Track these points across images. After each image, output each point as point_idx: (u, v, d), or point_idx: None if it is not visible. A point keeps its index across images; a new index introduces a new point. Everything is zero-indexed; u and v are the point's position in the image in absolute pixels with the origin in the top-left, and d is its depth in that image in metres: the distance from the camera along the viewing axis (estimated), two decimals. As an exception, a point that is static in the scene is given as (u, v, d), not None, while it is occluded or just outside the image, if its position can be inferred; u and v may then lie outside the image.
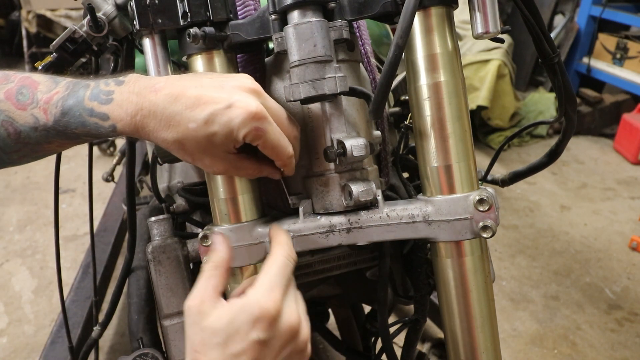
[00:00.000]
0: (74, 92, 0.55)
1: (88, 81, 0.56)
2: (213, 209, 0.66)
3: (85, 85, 0.55)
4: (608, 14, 3.53)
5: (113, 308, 0.84)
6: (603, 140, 3.50)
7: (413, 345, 0.90)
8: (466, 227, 0.60)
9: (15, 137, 0.55)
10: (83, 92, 0.55)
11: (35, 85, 0.55)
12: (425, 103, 0.60)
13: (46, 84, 0.56)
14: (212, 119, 0.52)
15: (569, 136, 0.75)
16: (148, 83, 0.54)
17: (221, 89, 0.53)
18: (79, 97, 0.54)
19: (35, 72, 0.60)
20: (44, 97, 0.54)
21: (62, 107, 0.54)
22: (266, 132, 0.54)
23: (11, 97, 0.55)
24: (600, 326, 1.92)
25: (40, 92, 0.55)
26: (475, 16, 0.59)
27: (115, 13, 0.65)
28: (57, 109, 0.54)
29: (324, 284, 0.91)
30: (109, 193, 2.33)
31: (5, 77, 0.56)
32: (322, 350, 1.76)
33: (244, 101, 0.52)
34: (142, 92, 0.53)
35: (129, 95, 0.53)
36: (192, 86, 0.53)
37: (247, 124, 0.52)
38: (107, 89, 0.54)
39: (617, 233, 2.48)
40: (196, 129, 0.52)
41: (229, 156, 0.56)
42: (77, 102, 0.54)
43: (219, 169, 0.58)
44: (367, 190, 0.61)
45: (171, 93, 0.52)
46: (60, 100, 0.54)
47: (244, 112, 0.52)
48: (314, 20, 0.56)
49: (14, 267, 2.34)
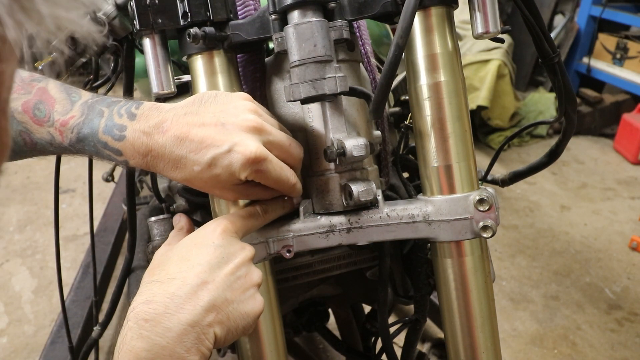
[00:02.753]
0: (89, 120, 0.57)
1: (102, 105, 0.58)
2: (213, 209, 0.66)
3: (99, 113, 0.57)
4: (608, 14, 3.53)
5: (113, 308, 0.84)
6: (603, 140, 3.50)
7: (413, 345, 0.90)
8: (466, 227, 0.60)
9: (31, 146, 0.58)
10: (97, 123, 0.57)
11: (51, 102, 0.57)
12: (425, 103, 0.60)
13: (62, 103, 0.58)
14: (215, 163, 0.54)
15: (569, 136, 0.75)
16: (157, 120, 0.56)
17: (222, 128, 0.55)
18: (94, 127, 0.57)
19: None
20: (60, 119, 0.57)
21: (78, 134, 0.57)
22: (266, 172, 0.56)
23: (28, 110, 0.57)
24: (600, 326, 1.92)
25: (57, 112, 0.57)
26: (475, 16, 0.59)
27: (115, 13, 0.65)
28: (73, 134, 0.57)
29: (324, 284, 0.91)
30: (109, 193, 2.33)
31: (22, 85, 0.58)
32: (322, 350, 1.76)
33: (244, 144, 0.54)
34: (151, 132, 0.55)
35: (140, 135, 0.56)
36: (196, 125, 0.55)
37: (247, 167, 0.54)
38: (120, 123, 0.56)
39: (617, 233, 2.48)
40: (201, 171, 0.55)
41: (237, 187, 0.58)
42: (92, 132, 0.57)
43: (230, 198, 0.62)
44: (367, 190, 0.61)
45: (176, 135, 0.55)
46: (75, 127, 0.57)
47: (243, 157, 0.54)
48: (314, 20, 0.56)
49: (14, 267, 2.34)
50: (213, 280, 0.52)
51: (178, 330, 0.47)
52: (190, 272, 0.51)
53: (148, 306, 0.48)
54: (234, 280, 0.53)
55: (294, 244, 0.63)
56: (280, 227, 0.64)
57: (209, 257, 0.53)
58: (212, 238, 0.55)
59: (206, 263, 0.52)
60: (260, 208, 0.61)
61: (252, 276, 0.56)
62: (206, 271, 0.52)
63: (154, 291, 0.50)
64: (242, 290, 0.54)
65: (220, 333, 0.51)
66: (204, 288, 0.51)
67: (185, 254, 0.54)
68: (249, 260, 0.56)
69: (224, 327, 0.51)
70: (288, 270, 0.79)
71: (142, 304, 0.48)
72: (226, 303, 0.52)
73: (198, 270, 0.52)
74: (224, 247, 0.55)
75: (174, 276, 0.51)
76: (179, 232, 0.64)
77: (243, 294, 0.54)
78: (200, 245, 0.55)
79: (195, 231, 0.58)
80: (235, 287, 0.53)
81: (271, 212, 0.63)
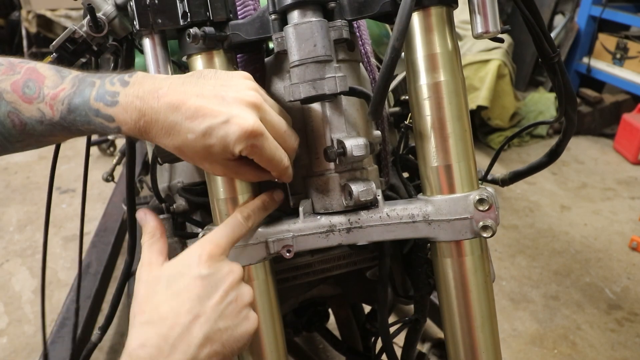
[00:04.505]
0: (80, 90, 0.55)
1: (94, 77, 0.56)
2: (213, 209, 0.66)
3: (90, 84, 0.56)
4: (608, 14, 3.53)
5: (113, 311, 0.83)
6: (603, 140, 3.50)
7: (413, 345, 0.90)
8: (466, 227, 0.60)
9: (20, 128, 0.56)
10: (89, 92, 0.55)
11: (41, 79, 0.56)
12: (425, 103, 0.60)
13: (52, 79, 0.56)
14: (210, 132, 0.53)
15: (569, 136, 0.75)
16: (152, 87, 0.54)
17: (222, 100, 0.54)
18: (85, 96, 0.55)
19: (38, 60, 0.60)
20: (50, 92, 0.55)
21: (69, 105, 0.55)
22: (261, 148, 0.55)
23: (17, 89, 0.55)
24: (600, 326, 1.92)
25: (47, 87, 0.55)
26: (475, 16, 0.59)
27: (115, 13, 0.65)
28: (64, 106, 0.55)
29: (324, 284, 0.91)
30: (109, 193, 2.33)
31: (10, 66, 0.56)
32: (322, 350, 1.76)
33: (242, 117, 0.53)
34: (145, 97, 0.54)
35: (133, 100, 0.54)
36: (193, 95, 0.54)
37: (242, 140, 0.53)
38: (112, 90, 0.55)
39: (617, 233, 2.48)
40: (194, 139, 0.53)
41: (228, 163, 0.57)
42: (83, 101, 0.55)
43: (218, 173, 0.60)
44: (367, 190, 0.61)
45: (172, 102, 0.53)
46: (66, 97, 0.55)
47: (240, 129, 0.52)
48: (314, 20, 0.56)
49: (14, 267, 2.34)
50: (204, 313, 0.52)
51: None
52: (181, 308, 0.51)
53: (143, 350, 0.49)
54: (224, 307, 0.54)
55: (294, 244, 0.63)
56: (280, 227, 0.64)
57: (197, 290, 0.53)
58: (199, 268, 0.55)
59: (196, 296, 0.52)
60: (242, 217, 0.60)
61: (242, 298, 0.56)
62: (196, 305, 0.52)
63: (147, 334, 0.50)
64: (234, 315, 0.54)
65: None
66: (196, 323, 0.51)
67: (174, 288, 0.53)
68: (237, 281, 0.56)
69: (219, 356, 0.52)
70: (288, 270, 0.79)
71: (136, 349, 0.49)
72: (220, 333, 0.52)
73: (188, 306, 0.52)
74: (211, 276, 0.54)
75: (166, 316, 0.51)
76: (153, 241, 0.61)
77: (236, 317, 0.54)
78: (188, 276, 0.54)
79: (180, 256, 0.57)
80: (226, 313, 0.54)
81: (253, 216, 0.61)
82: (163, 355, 0.48)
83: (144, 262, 0.58)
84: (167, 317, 0.51)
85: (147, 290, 0.55)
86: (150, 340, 0.49)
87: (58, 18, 4.15)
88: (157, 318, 0.51)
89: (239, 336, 0.54)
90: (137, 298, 0.54)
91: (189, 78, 0.56)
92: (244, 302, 0.56)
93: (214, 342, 0.51)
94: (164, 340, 0.49)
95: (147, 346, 0.49)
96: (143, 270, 0.57)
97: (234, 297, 0.55)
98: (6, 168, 3.24)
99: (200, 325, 0.51)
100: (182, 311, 0.51)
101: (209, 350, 0.51)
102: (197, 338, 0.50)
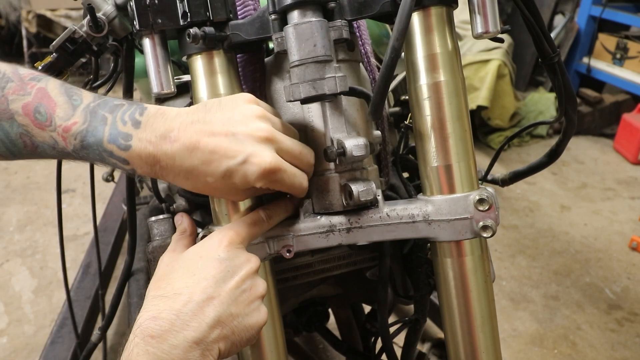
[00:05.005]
0: (93, 128, 0.55)
1: (105, 110, 0.56)
2: (213, 209, 0.66)
3: (102, 120, 0.55)
4: (608, 14, 3.53)
5: (113, 311, 0.84)
6: (603, 140, 3.50)
7: (413, 345, 0.90)
8: (466, 227, 0.60)
9: (32, 149, 0.56)
10: (102, 130, 0.55)
11: (52, 105, 0.55)
12: (425, 103, 0.60)
13: (63, 108, 0.55)
14: (229, 175, 0.54)
15: (569, 136, 0.75)
16: (164, 129, 0.54)
17: (234, 138, 0.54)
18: (98, 136, 0.55)
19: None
20: (62, 124, 0.55)
21: (82, 142, 0.55)
22: (282, 180, 0.56)
23: (29, 113, 0.55)
24: (600, 326, 1.92)
25: (58, 117, 0.55)
26: (475, 16, 0.59)
27: (115, 13, 0.65)
28: (77, 141, 0.55)
29: (324, 284, 0.91)
30: (109, 193, 2.33)
31: (21, 84, 0.55)
32: (322, 350, 1.76)
33: (259, 156, 0.54)
34: (158, 142, 0.54)
35: (147, 145, 0.54)
36: (205, 134, 0.54)
37: (262, 178, 0.54)
38: (125, 132, 0.54)
39: (617, 233, 2.48)
40: (214, 182, 0.55)
41: (249, 191, 0.58)
42: (96, 141, 0.55)
43: (240, 199, 0.62)
44: (367, 190, 0.61)
45: (185, 145, 0.54)
46: (79, 134, 0.55)
47: (259, 168, 0.53)
48: (314, 20, 0.56)
49: (14, 267, 2.34)
50: (219, 295, 0.52)
51: (183, 347, 0.48)
52: (196, 287, 0.51)
53: (154, 322, 0.48)
54: (239, 294, 0.54)
55: (294, 243, 0.63)
56: (280, 227, 0.64)
57: (214, 271, 0.53)
58: (218, 251, 0.55)
59: (212, 277, 0.53)
60: (264, 214, 0.61)
61: (257, 288, 0.56)
62: (212, 286, 0.52)
63: (160, 307, 0.50)
64: (246, 304, 0.54)
65: (224, 347, 0.51)
66: (209, 304, 0.51)
67: (191, 267, 0.54)
68: (254, 272, 0.57)
69: (228, 342, 0.52)
70: (288, 270, 0.79)
71: (148, 320, 0.49)
72: (231, 318, 0.52)
73: (204, 285, 0.52)
74: (229, 260, 0.55)
75: (180, 292, 0.51)
76: (182, 236, 0.64)
77: (248, 307, 0.54)
78: (206, 258, 0.55)
79: (200, 242, 0.58)
80: (240, 300, 0.54)
81: (275, 217, 0.63)
82: (174, 329, 0.48)
83: (169, 250, 0.61)
84: (181, 292, 0.51)
85: (165, 270, 0.56)
86: (162, 314, 0.49)
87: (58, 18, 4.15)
88: (172, 293, 0.51)
89: (249, 325, 0.54)
90: (155, 276, 0.56)
91: (197, 114, 0.56)
92: (257, 293, 0.56)
93: (225, 326, 0.51)
94: (176, 315, 0.49)
95: (158, 319, 0.49)
96: (166, 255, 0.60)
97: (249, 286, 0.55)
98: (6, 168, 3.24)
99: (214, 306, 0.51)
100: (197, 290, 0.51)
101: (219, 333, 0.51)
102: (209, 317, 0.50)
